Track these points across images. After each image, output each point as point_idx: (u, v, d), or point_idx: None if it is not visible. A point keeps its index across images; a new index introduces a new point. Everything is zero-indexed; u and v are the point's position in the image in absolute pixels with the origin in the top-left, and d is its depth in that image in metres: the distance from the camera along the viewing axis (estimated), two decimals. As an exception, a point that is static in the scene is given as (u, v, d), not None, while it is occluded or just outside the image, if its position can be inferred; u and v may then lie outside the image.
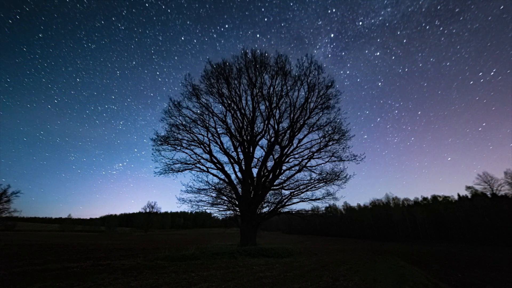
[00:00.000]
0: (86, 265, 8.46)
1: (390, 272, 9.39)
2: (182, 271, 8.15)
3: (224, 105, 20.15)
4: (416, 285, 7.08)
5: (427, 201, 77.02)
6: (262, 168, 20.16)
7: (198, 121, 20.21)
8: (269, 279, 7.42)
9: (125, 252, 13.61)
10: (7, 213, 43.35)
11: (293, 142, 20.42)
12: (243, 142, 20.62)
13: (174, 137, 19.85)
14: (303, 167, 20.18)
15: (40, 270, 7.19)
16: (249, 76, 19.40)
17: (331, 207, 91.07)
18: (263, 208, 20.56)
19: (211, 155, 20.27)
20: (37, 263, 8.24)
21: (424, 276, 8.62)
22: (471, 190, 57.22)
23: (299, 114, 19.93)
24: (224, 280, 6.98)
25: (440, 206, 68.93)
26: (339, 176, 19.36)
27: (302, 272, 9.03)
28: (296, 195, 19.88)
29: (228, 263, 10.66)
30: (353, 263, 12.21)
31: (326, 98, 19.82)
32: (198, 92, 20.00)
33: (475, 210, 53.98)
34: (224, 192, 20.48)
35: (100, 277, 6.67)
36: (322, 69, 19.31)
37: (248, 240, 17.62)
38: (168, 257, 10.87)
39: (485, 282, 7.94)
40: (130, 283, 6.25)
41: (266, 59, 19.23)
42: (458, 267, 11.36)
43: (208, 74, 19.85)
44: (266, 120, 20.31)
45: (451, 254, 18.39)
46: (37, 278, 6.25)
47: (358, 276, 8.32)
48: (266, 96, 19.62)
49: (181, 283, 6.45)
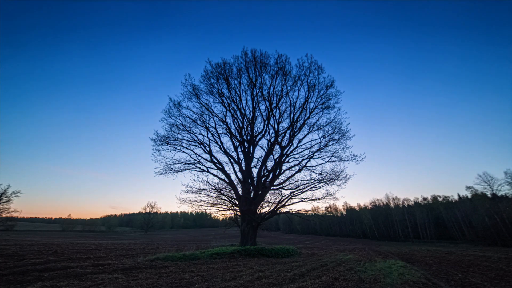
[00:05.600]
0: (86, 265, 8.46)
1: (390, 272, 9.39)
2: (182, 271, 8.15)
3: (224, 105, 20.16)
4: (416, 285, 7.08)
5: (427, 201, 76.97)
6: (262, 168, 20.16)
7: (198, 121, 20.24)
8: (269, 279, 7.42)
9: (125, 252, 13.62)
10: (7, 213, 43.29)
11: (293, 142, 20.44)
12: (243, 142, 20.62)
13: (174, 137, 19.87)
14: (303, 167, 20.19)
15: (40, 270, 7.19)
16: (249, 76, 19.41)
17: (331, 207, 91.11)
18: (263, 208, 20.56)
19: (211, 155, 20.28)
20: (37, 263, 8.24)
21: (424, 276, 8.61)
22: (471, 190, 57.15)
23: (299, 114, 19.94)
24: (224, 280, 6.98)
25: (440, 206, 68.92)
26: (339, 176, 19.40)
27: (302, 272, 9.03)
28: (296, 195, 19.90)
29: (228, 263, 10.67)
30: (353, 263, 12.21)
31: (326, 98, 19.85)
32: (198, 92, 20.03)
33: (475, 210, 53.98)
34: (224, 192, 20.48)
35: (100, 277, 6.67)
36: (322, 69, 19.36)
37: (248, 240, 17.62)
38: (168, 257, 10.87)
39: (485, 282, 7.94)
40: (130, 283, 6.25)
41: (266, 59, 19.24)
42: (458, 267, 11.36)
43: (208, 74, 19.86)
44: (266, 120, 20.33)
45: (451, 254, 18.39)
46: (37, 278, 6.25)
47: (358, 276, 8.32)
48: (266, 96, 19.64)
49: (181, 283, 6.46)
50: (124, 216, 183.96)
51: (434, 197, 76.35)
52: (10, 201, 42.54)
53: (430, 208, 71.16)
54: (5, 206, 42.37)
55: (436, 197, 75.85)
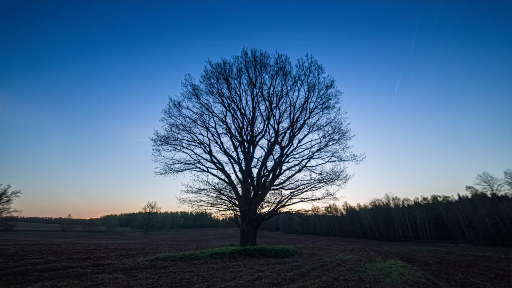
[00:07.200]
0: (86, 265, 8.46)
1: (390, 272, 9.39)
2: (182, 271, 8.15)
3: (224, 105, 20.16)
4: (416, 285, 7.08)
5: (427, 201, 76.95)
6: (262, 168, 20.16)
7: (198, 121, 20.25)
8: (269, 279, 7.42)
9: (125, 252, 13.61)
10: (7, 213, 43.32)
11: (293, 142, 20.44)
12: (243, 142, 20.62)
13: (174, 137, 19.88)
14: (303, 167, 20.19)
15: (40, 270, 7.19)
16: (249, 76, 19.41)
17: (331, 207, 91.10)
18: (263, 208, 20.55)
19: (211, 155, 20.28)
20: (37, 263, 8.24)
21: (424, 276, 8.61)
22: (471, 190, 57.15)
23: (299, 114, 19.94)
24: (224, 280, 6.98)
25: (440, 206, 68.90)
26: (339, 176, 19.38)
27: (302, 272, 9.03)
28: (296, 195, 19.89)
29: (228, 263, 10.67)
30: (353, 263, 12.21)
31: (326, 98, 19.85)
32: (198, 92, 20.03)
33: (475, 210, 53.97)
34: (224, 192, 20.46)
35: (100, 277, 6.67)
36: (322, 69, 19.36)
37: (248, 240, 17.62)
38: (168, 257, 10.87)
39: (485, 282, 7.94)
40: (130, 283, 6.25)
41: (266, 59, 19.24)
42: (458, 267, 11.35)
43: (208, 74, 19.86)
44: (266, 120, 20.33)
45: (451, 254, 18.39)
46: (37, 278, 6.25)
47: (358, 276, 8.32)
48: (266, 96, 19.64)
49: (181, 283, 6.45)
50: (124, 216, 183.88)
51: (434, 197, 76.37)
52: (10, 201, 42.64)
53: (430, 208, 71.15)
54: (5, 206, 42.45)
55: (436, 197, 75.87)
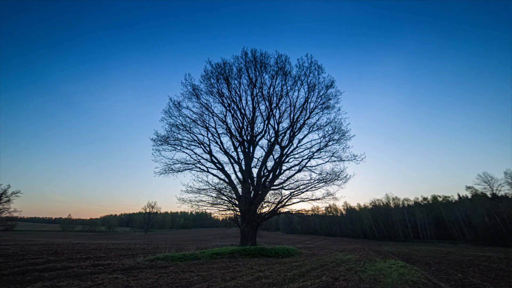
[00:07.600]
0: (86, 265, 8.46)
1: (390, 272, 9.39)
2: (182, 271, 8.15)
3: (224, 105, 20.15)
4: (416, 285, 7.08)
5: (427, 201, 76.95)
6: (262, 168, 20.16)
7: (198, 121, 20.25)
8: (269, 279, 7.42)
9: (125, 252, 13.62)
10: (7, 213, 43.35)
11: (293, 142, 20.44)
12: (243, 142, 20.62)
13: (174, 137, 19.87)
14: (303, 167, 20.19)
15: (40, 270, 7.19)
16: (249, 76, 19.39)
17: (331, 207, 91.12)
18: (263, 208, 20.55)
19: (211, 155, 20.28)
20: (37, 263, 8.24)
21: (424, 276, 8.62)
22: (471, 190, 57.17)
23: (299, 114, 19.93)
24: (224, 280, 6.98)
25: (440, 206, 68.92)
26: (339, 176, 19.38)
27: (302, 272, 9.03)
28: (296, 195, 19.89)
29: (228, 263, 10.67)
30: (353, 263, 12.21)
31: (326, 98, 19.84)
32: (198, 92, 20.02)
33: (475, 210, 53.98)
34: (224, 192, 20.48)
35: (100, 277, 6.67)
36: (322, 69, 19.34)
37: (248, 240, 17.62)
38: (168, 257, 10.87)
39: (485, 282, 7.94)
40: (130, 283, 6.25)
41: (266, 59, 19.24)
42: (458, 267, 11.35)
43: (208, 74, 19.86)
44: (266, 120, 20.32)
45: (451, 254, 18.39)
46: (37, 278, 6.25)
47: (358, 276, 8.32)
48: (266, 96, 19.63)
49: (181, 283, 6.45)
50: (124, 216, 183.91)
51: (434, 197, 76.36)
52: (10, 201, 42.69)
53: (430, 208, 71.18)
54: (5, 206, 42.52)
55: (436, 197, 75.86)
